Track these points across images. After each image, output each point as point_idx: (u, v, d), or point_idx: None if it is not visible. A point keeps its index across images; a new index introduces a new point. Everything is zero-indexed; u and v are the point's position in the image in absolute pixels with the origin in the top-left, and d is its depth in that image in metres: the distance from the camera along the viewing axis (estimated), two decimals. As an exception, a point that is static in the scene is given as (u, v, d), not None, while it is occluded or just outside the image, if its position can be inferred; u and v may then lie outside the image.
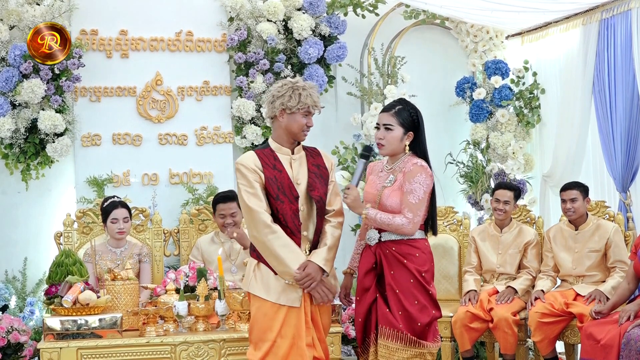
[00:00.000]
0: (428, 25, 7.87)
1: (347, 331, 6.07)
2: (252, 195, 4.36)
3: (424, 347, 4.49)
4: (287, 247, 4.32)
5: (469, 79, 7.78)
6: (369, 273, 4.64)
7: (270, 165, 4.42)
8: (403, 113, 4.60)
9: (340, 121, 7.67)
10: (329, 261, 4.40)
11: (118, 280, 5.18)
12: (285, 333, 4.31)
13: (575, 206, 6.06)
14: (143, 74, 7.15)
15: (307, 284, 4.32)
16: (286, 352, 4.30)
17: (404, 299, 4.49)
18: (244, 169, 4.39)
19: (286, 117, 4.42)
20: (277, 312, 4.33)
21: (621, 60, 6.63)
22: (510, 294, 6.10)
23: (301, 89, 4.40)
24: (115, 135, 7.06)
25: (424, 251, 4.58)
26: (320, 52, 7.26)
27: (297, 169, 4.47)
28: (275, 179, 4.39)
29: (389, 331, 4.48)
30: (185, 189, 7.08)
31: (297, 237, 4.40)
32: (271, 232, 4.32)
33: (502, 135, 7.54)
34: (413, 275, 4.50)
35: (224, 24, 7.32)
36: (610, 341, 5.13)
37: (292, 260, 4.31)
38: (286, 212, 4.37)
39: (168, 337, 4.93)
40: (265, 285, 4.37)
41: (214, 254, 5.96)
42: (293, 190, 4.41)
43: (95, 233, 6.25)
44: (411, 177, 4.50)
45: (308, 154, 4.57)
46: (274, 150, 4.49)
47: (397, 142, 4.61)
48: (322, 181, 4.50)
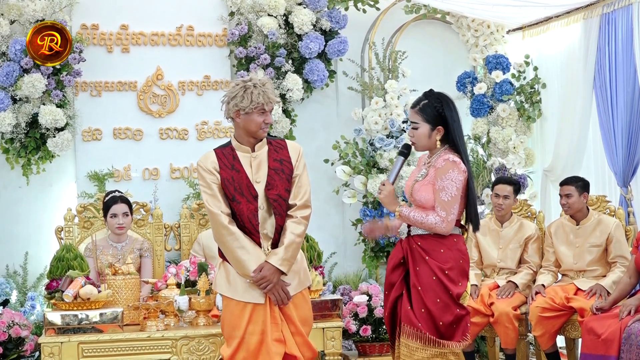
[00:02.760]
0: (429, 20, 7.85)
1: (347, 325, 6.07)
2: (210, 196, 4.37)
3: (445, 346, 4.36)
4: (244, 249, 4.32)
5: (469, 73, 7.77)
6: (397, 268, 4.56)
7: (228, 165, 4.40)
8: (427, 109, 4.48)
9: (341, 116, 7.67)
10: (286, 260, 4.35)
11: (119, 275, 5.19)
12: (253, 330, 4.32)
13: (570, 202, 6.05)
14: (144, 69, 7.14)
15: (263, 286, 4.31)
16: (256, 347, 4.31)
17: (425, 296, 4.38)
18: (201, 170, 4.40)
19: (242, 117, 4.37)
20: (243, 310, 4.34)
21: (622, 54, 6.62)
22: (511, 289, 6.11)
23: (252, 88, 4.32)
24: (116, 130, 7.06)
25: (450, 248, 4.44)
26: (321, 46, 7.25)
27: (256, 167, 4.42)
28: (232, 179, 4.37)
29: (409, 329, 4.38)
30: (186, 183, 7.08)
31: (256, 236, 4.38)
32: (228, 233, 4.33)
33: (503, 129, 7.54)
34: (434, 273, 4.38)
35: (225, 18, 7.31)
36: (611, 335, 5.14)
37: (248, 261, 4.31)
38: (242, 213, 4.36)
39: (169, 331, 4.94)
40: (230, 284, 4.39)
41: (215, 248, 5.95)
42: (252, 190, 4.38)
43: (96, 228, 6.25)
44: (442, 174, 4.39)
45: (272, 148, 4.48)
46: (234, 149, 4.45)
47: (425, 139, 4.51)
48: (282, 177, 4.42)
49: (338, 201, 7.49)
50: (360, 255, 7.39)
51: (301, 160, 4.52)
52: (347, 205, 7.49)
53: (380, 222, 4.72)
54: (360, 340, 5.89)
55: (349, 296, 6.45)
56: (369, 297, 6.04)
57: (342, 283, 7.11)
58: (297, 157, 4.50)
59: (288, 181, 4.44)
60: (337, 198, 7.44)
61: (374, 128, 7.23)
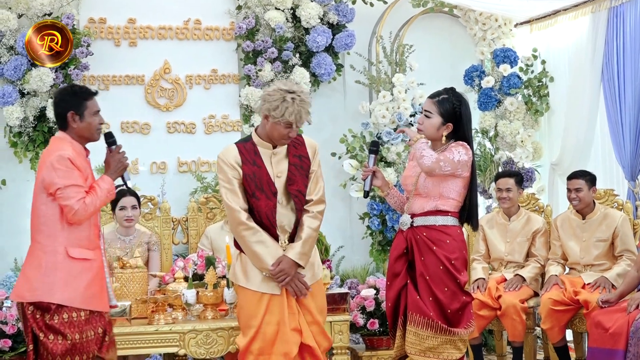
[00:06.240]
0: (436, 13, 7.84)
1: (355, 319, 6.07)
2: (229, 191, 4.42)
3: (454, 334, 4.48)
4: (262, 244, 4.39)
5: (477, 67, 7.76)
6: (400, 258, 4.64)
7: (250, 160, 4.44)
8: (445, 103, 4.58)
9: (348, 109, 7.67)
10: (304, 254, 4.44)
11: (127, 269, 5.19)
12: (269, 319, 4.40)
13: (580, 196, 6.04)
14: (151, 63, 7.16)
15: (281, 279, 4.38)
16: (272, 337, 4.38)
17: (433, 285, 4.49)
18: (223, 164, 4.44)
19: (270, 122, 4.39)
20: (260, 300, 4.41)
21: (630, 48, 6.61)
22: (518, 282, 6.10)
23: (290, 102, 4.31)
24: (124, 124, 7.07)
25: (455, 238, 4.56)
26: (328, 40, 7.25)
27: (277, 162, 4.48)
28: (254, 175, 4.42)
29: (419, 318, 4.48)
30: (194, 177, 7.09)
31: (273, 230, 4.45)
32: (246, 228, 4.39)
33: (511, 123, 7.52)
34: (442, 262, 4.49)
35: (232, 12, 7.31)
36: (619, 329, 5.13)
37: (267, 255, 4.39)
38: (261, 209, 4.41)
39: (177, 325, 4.95)
40: (247, 275, 4.45)
41: (224, 242, 5.97)
42: (272, 186, 4.44)
43: (104, 221, 6.25)
44: (454, 148, 4.52)
45: (291, 144, 4.53)
46: (255, 144, 4.49)
47: (433, 130, 4.61)
48: (302, 173, 4.51)
49: (345, 195, 7.49)
50: (367, 248, 7.39)
51: (317, 157, 4.61)
52: (354, 199, 7.49)
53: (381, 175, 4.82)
54: (367, 333, 5.87)
55: (357, 290, 6.45)
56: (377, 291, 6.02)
57: (350, 277, 7.12)
58: (314, 154, 4.59)
59: (306, 177, 4.53)
60: (345, 192, 7.43)
61: (381, 122, 7.22)
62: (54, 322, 4.20)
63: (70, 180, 4.23)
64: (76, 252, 4.28)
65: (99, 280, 4.37)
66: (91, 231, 4.39)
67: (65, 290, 4.22)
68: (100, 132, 4.45)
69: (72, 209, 4.21)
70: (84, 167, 4.37)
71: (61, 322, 4.21)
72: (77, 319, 4.24)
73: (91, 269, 4.32)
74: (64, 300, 4.21)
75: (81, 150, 4.40)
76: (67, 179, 4.23)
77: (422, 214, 4.59)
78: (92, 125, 4.38)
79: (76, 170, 4.27)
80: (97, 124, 4.40)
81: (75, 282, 4.25)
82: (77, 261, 4.27)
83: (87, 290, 4.27)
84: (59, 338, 4.20)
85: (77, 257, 4.29)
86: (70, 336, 4.20)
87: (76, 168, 4.27)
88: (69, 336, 4.20)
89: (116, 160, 4.48)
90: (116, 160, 4.48)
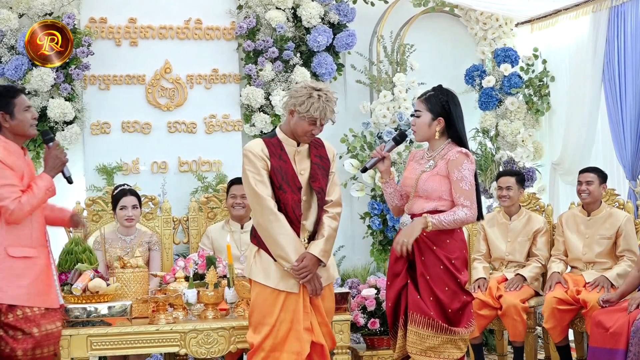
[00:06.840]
0: (437, 13, 7.85)
1: (356, 319, 6.07)
2: (259, 182, 4.45)
3: (455, 333, 4.48)
4: (288, 236, 4.42)
5: (478, 66, 7.76)
6: (401, 258, 4.62)
7: (276, 154, 4.50)
8: (432, 99, 4.60)
9: (349, 109, 7.66)
10: (326, 252, 4.50)
11: (127, 268, 5.19)
12: (284, 317, 4.42)
13: (591, 188, 6.02)
14: (152, 62, 7.16)
15: (303, 275, 4.41)
16: (284, 335, 4.41)
17: (434, 285, 4.49)
18: (252, 155, 4.47)
19: (295, 117, 4.46)
20: (277, 298, 4.43)
21: (631, 47, 6.61)
22: (519, 282, 6.10)
23: (316, 99, 4.40)
24: (125, 123, 7.07)
25: (455, 238, 4.57)
26: (329, 39, 7.25)
27: (300, 160, 4.55)
28: (280, 168, 4.47)
29: (420, 318, 4.48)
30: (195, 177, 7.09)
31: (297, 226, 4.49)
32: (275, 219, 4.41)
33: (512, 123, 7.53)
34: (442, 262, 4.50)
35: (233, 11, 7.31)
36: (619, 329, 5.12)
37: (291, 249, 4.41)
38: (287, 202, 4.46)
39: (177, 324, 4.94)
40: (265, 272, 4.47)
41: (224, 242, 5.96)
42: (296, 181, 4.49)
43: (104, 221, 6.26)
44: (458, 165, 4.50)
45: (312, 144, 4.62)
46: (280, 141, 4.55)
47: (425, 128, 4.61)
48: (323, 172, 4.58)
49: (346, 194, 7.48)
50: (368, 248, 7.39)
51: (335, 160, 4.71)
52: (355, 199, 7.49)
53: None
54: (368, 333, 5.87)
55: (357, 289, 6.44)
56: (377, 290, 6.03)
57: (351, 276, 7.11)
58: (333, 157, 4.69)
59: (327, 176, 4.60)
60: (345, 191, 7.43)
61: (382, 121, 7.22)
62: (9, 320, 4.27)
63: (2, 180, 4.26)
64: (16, 251, 4.32)
65: (45, 278, 4.42)
66: (33, 229, 4.43)
67: (8, 289, 4.27)
68: (35, 127, 4.49)
69: (7, 209, 4.26)
70: (18, 165, 4.39)
71: (16, 319, 4.28)
72: (31, 314, 4.32)
73: (34, 266, 4.37)
74: (9, 299, 4.27)
75: (16, 149, 4.44)
76: (0, 179, 4.26)
77: (422, 214, 4.59)
78: (24, 122, 4.43)
79: (8, 169, 4.30)
80: (29, 119, 4.44)
81: (18, 280, 4.30)
82: (18, 260, 4.32)
83: (32, 288, 4.32)
84: (19, 334, 4.27)
85: (18, 255, 4.33)
86: (28, 330, 4.27)
87: (8, 167, 4.30)
88: (27, 330, 4.27)
89: (53, 157, 4.50)
90: (53, 157, 4.50)
